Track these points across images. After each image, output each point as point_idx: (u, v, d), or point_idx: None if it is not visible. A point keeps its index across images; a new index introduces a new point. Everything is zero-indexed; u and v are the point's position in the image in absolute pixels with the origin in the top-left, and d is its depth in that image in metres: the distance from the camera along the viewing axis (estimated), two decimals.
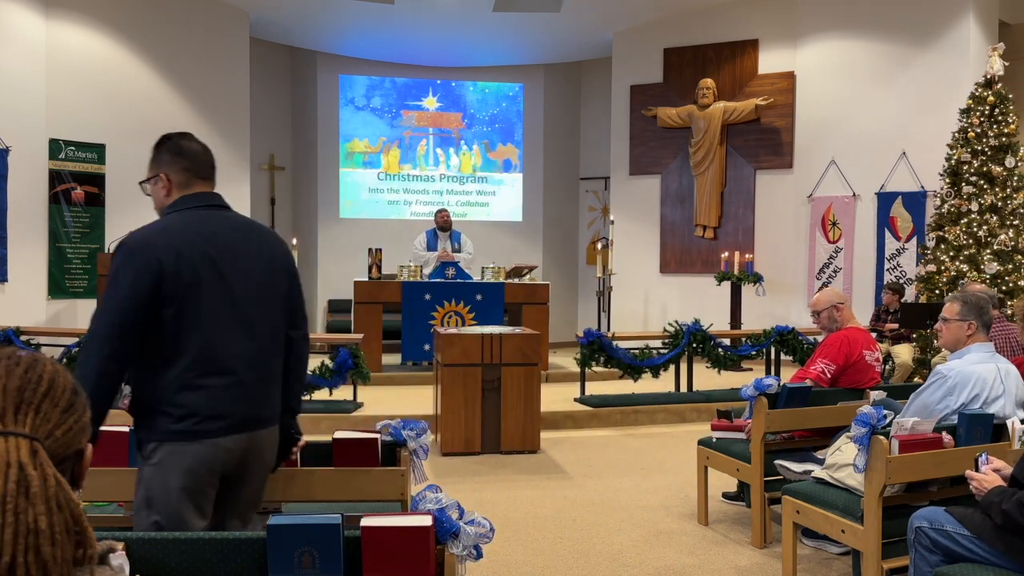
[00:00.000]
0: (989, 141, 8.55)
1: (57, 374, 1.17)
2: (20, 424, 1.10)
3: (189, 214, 2.48)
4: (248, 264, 2.46)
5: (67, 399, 1.16)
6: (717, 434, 4.57)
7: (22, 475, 1.06)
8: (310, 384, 7.18)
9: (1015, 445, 3.16)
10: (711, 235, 11.18)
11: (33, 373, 1.14)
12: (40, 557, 1.04)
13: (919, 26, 9.77)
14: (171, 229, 2.42)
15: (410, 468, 2.85)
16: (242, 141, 10.86)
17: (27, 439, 1.09)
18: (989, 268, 8.27)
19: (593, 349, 7.72)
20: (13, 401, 1.11)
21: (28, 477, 1.06)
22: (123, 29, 9.87)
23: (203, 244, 2.39)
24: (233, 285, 2.40)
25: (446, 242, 9.72)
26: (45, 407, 1.13)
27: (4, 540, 1.02)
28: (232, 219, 2.56)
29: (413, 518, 1.78)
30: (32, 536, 1.04)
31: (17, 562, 1.02)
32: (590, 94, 13.33)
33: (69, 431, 1.15)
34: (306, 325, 2.67)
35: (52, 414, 1.14)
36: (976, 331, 3.50)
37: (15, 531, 1.03)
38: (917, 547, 2.74)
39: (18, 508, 1.04)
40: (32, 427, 1.11)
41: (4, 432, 1.08)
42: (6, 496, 1.04)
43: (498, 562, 3.97)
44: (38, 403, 1.13)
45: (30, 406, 1.12)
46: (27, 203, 9.09)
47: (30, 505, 1.05)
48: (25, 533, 1.04)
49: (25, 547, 1.03)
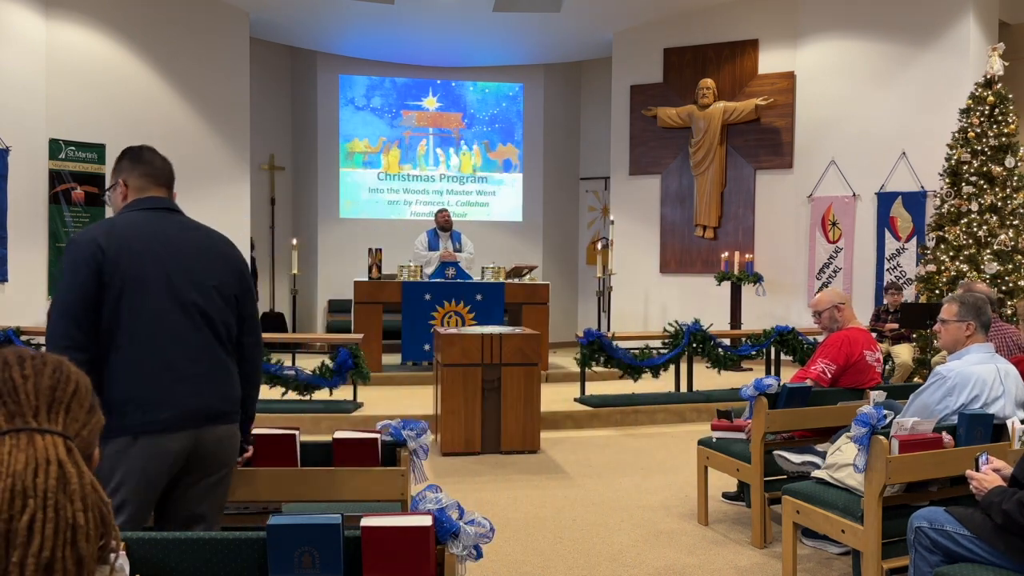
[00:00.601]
0: (989, 141, 8.55)
1: (80, 376, 1.20)
2: (53, 422, 1.13)
3: (139, 214, 2.49)
4: (194, 263, 2.46)
5: (90, 401, 1.19)
6: (717, 434, 4.57)
7: (61, 472, 1.09)
8: (310, 384, 7.18)
9: (1015, 445, 3.16)
10: (711, 235, 11.18)
11: (61, 374, 1.17)
12: (77, 551, 1.06)
13: (919, 26, 9.77)
14: (116, 224, 2.44)
15: (410, 468, 2.85)
16: (242, 141, 10.86)
17: (62, 437, 1.12)
18: (989, 268, 8.27)
19: (593, 349, 7.72)
20: (46, 400, 1.13)
21: (67, 474, 1.09)
22: (123, 29, 9.87)
23: (148, 239, 2.41)
24: (178, 281, 2.40)
25: (447, 242, 9.72)
26: (74, 407, 1.16)
27: (45, 535, 1.04)
28: (183, 221, 2.56)
29: (413, 518, 1.78)
30: (70, 532, 1.06)
31: (56, 556, 1.04)
32: (590, 94, 13.33)
33: (91, 432, 1.18)
34: (259, 333, 2.66)
35: (79, 414, 1.16)
36: (975, 332, 3.50)
37: (56, 527, 1.05)
38: (917, 547, 2.74)
39: (58, 504, 1.07)
40: (64, 426, 1.13)
41: (41, 429, 1.10)
42: (47, 492, 1.06)
43: (498, 562, 3.97)
44: (68, 403, 1.15)
45: (61, 405, 1.14)
46: (27, 203, 9.09)
47: (69, 501, 1.07)
48: (64, 528, 1.06)
49: (64, 542, 1.06)
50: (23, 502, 1.05)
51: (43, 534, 1.04)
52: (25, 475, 1.07)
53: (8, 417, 1.11)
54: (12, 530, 1.04)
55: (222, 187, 10.60)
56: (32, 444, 1.09)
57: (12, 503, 1.05)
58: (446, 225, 9.76)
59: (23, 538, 1.04)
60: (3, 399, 1.12)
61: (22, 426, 1.10)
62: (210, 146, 10.51)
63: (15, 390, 1.13)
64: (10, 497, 1.05)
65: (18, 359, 1.16)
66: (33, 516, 1.05)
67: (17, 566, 1.02)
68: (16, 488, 1.06)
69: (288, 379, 7.19)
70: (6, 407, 1.12)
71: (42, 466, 1.07)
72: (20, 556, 1.03)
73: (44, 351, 1.23)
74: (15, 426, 1.10)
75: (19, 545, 1.03)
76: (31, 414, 1.11)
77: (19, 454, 1.08)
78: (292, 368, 7.25)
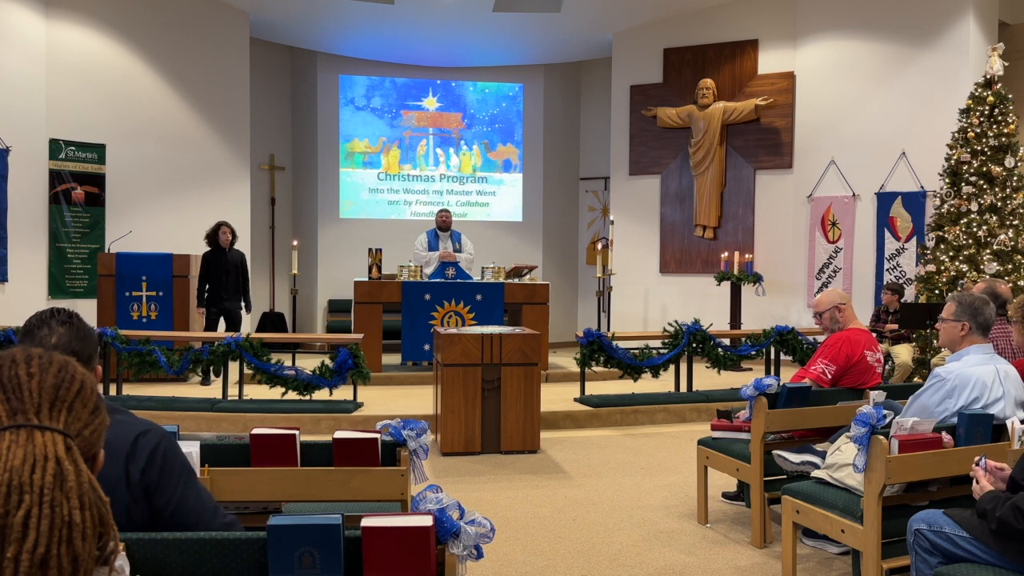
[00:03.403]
0: (989, 141, 8.55)
1: (86, 376, 1.20)
2: (55, 420, 1.13)
3: None
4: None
5: (95, 402, 1.20)
6: (717, 434, 4.57)
7: (59, 469, 1.09)
8: (310, 384, 7.18)
9: (1015, 445, 3.16)
10: (711, 235, 11.18)
11: (66, 373, 1.17)
12: (72, 549, 1.06)
13: (919, 26, 9.77)
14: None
15: (410, 468, 2.85)
16: (242, 141, 10.86)
17: (62, 435, 1.12)
18: (989, 268, 8.27)
19: (593, 349, 7.72)
20: (49, 398, 1.14)
21: (64, 471, 1.09)
22: (123, 29, 9.87)
23: None
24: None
25: (446, 242, 9.72)
26: (77, 407, 1.16)
27: (40, 531, 1.04)
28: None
29: (414, 518, 1.78)
30: (66, 529, 1.06)
31: (51, 553, 1.04)
32: (590, 94, 13.33)
33: (94, 432, 1.18)
34: None
35: (83, 414, 1.16)
36: (970, 332, 3.50)
37: (51, 523, 1.05)
38: (917, 550, 2.75)
39: (54, 501, 1.07)
40: (65, 424, 1.14)
41: (41, 426, 1.11)
42: (44, 488, 1.06)
43: (498, 562, 3.97)
44: (71, 402, 1.16)
45: (63, 404, 1.15)
46: (27, 203, 9.10)
47: (65, 499, 1.07)
48: (60, 526, 1.06)
49: (59, 539, 1.05)
50: (19, 497, 1.05)
51: (38, 530, 1.04)
52: (22, 471, 1.07)
53: (10, 413, 1.11)
54: (7, 525, 1.04)
55: (222, 187, 10.60)
56: (31, 440, 1.10)
57: (8, 498, 1.05)
58: (446, 225, 9.77)
59: (18, 534, 1.04)
60: (7, 395, 1.13)
61: (23, 422, 1.11)
62: (210, 146, 10.51)
63: (19, 387, 1.13)
64: (6, 492, 1.05)
65: (26, 357, 1.17)
66: (28, 512, 1.05)
67: (11, 562, 1.02)
68: (12, 483, 1.06)
69: (288, 379, 7.19)
70: (9, 403, 1.12)
71: (39, 462, 1.07)
72: (14, 552, 1.03)
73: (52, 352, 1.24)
74: (16, 422, 1.11)
75: (14, 541, 1.03)
76: (33, 411, 1.12)
77: (17, 450, 1.08)
78: (292, 368, 7.25)
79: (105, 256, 8.80)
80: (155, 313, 8.68)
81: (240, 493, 2.79)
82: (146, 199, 10.03)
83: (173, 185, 10.20)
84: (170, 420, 6.50)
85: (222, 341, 7.26)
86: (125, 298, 8.64)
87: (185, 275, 8.79)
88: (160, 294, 8.68)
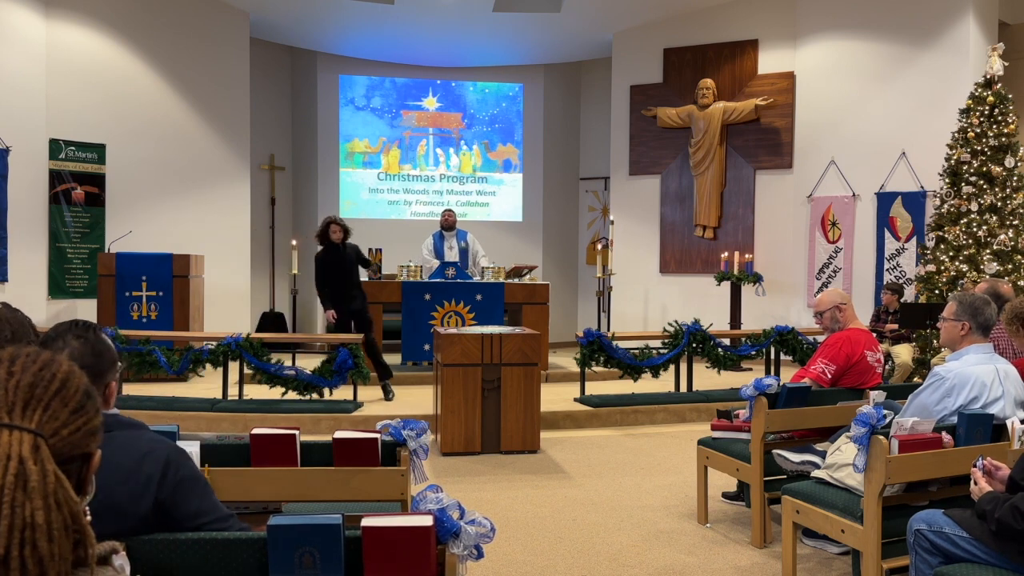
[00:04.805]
0: (989, 141, 8.55)
1: (72, 375, 1.17)
2: (27, 420, 1.10)
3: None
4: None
5: (78, 400, 1.16)
6: (717, 434, 4.57)
7: (21, 468, 1.06)
8: (310, 384, 7.18)
9: (1015, 445, 3.16)
10: (711, 235, 11.18)
11: (47, 371, 1.15)
12: (37, 552, 1.03)
13: (919, 26, 9.77)
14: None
15: (410, 468, 2.85)
16: (242, 141, 10.86)
17: (31, 434, 1.09)
18: (989, 268, 8.27)
19: (593, 349, 7.72)
20: (23, 397, 1.12)
21: (27, 471, 1.06)
22: (123, 29, 9.87)
23: None
24: None
25: (452, 241, 9.69)
26: (54, 405, 1.13)
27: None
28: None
29: (414, 518, 1.78)
30: (28, 531, 1.03)
31: (12, 555, 1.01)
32: (590, 94, 13.33)
33: (77, 432, 1.15)
34: None
35: (61, 413, 1.14)
36: (970, 332, 3.50)
37: (10, 524, 1.03)
38: (917, 550, 2.75)
39: (15, 501, 1.04)
40: (38, 423, 1.11)
41: (9, 425, 1.09)
42: (3, 488, 1.04)
43: (498, 562, 3.97)
44: (48, 401, 1.13)
45: (39, 403, 1.12)
46: (27, 203, 9.10)
47: (27, 499, 1.04)
48: (21, 527, 1.03)
49: (21, 541, 1.02)
50: None
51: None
52: None
53: None
54: None
55: (222, 187, 10.60)
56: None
57: None
58: (450, 225, 9.75)
59: None
60: None
61: None
62: (210, 146, 10.51)
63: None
64: None
65: (10, 357, 1.15)
66: None
67: None
68: None
69: (288, 379, 7.19)
70: None
71: (1, 461, 1.05)
72: None
73: (56, 352, 1.22)
74: None
75: None
76: (5, 410, 1.09)
77: None
78: (292, 368, 7.25)
79: (105, 256, 8.80)
80: (155, 313, 8.68)
81: (240, 493, 2.79)
82: (146, 199, 10.03)
83: (173, 185, 10.19)
84: (170, 420, 6.51)
85: (222, 341, 7.27)
86: (125, 298, 8.64)
87: (185, 275, 8.79)
88: (160, 294, 8.68)
